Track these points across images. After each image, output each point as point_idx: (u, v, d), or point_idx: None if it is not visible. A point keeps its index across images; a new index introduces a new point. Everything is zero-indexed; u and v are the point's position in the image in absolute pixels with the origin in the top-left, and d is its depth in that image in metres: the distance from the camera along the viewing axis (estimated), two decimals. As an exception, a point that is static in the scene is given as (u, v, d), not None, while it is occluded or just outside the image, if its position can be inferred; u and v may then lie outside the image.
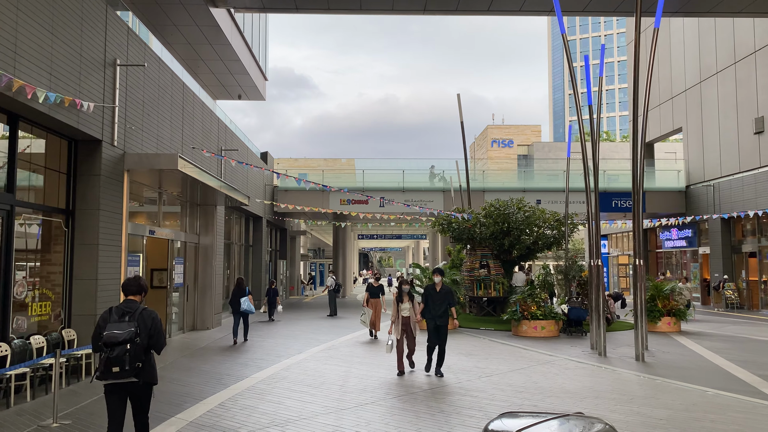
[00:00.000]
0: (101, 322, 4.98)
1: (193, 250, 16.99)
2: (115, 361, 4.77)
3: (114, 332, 4.81)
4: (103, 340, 4.80)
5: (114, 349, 4.77)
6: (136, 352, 4.86)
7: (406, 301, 9.83)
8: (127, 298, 5.19)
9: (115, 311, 5.01)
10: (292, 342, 14.12)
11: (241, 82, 24.39)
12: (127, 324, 4.89)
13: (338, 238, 35.11)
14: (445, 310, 9.64)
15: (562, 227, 18.36)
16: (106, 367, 4.78)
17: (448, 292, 9.86)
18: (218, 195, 15.54)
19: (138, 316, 4.99)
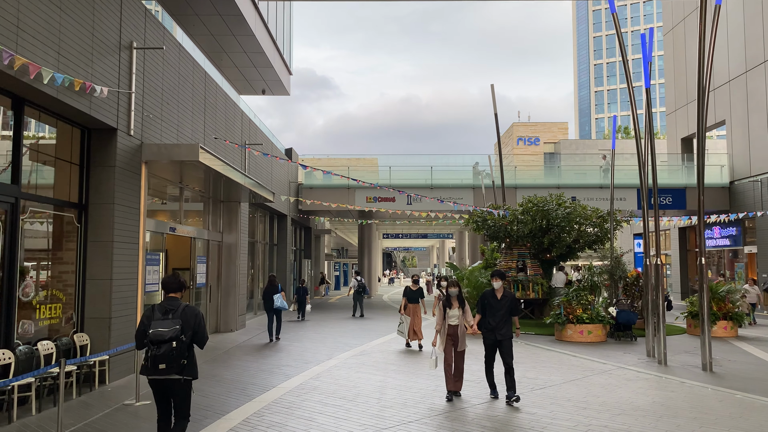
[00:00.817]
0: (145, 320, 5.07)
1: (216, 249, 16.23)
2: (161, 358, 4.88)
3: (159, 330, 4.91)
4: (149, 338, 4.92)
5: (160, 347, 4.88)
6: (181, 350, 4.97)
7: (456, 306, 8.22)
8: (168, 295, 5.26)
9: (158, 309, 5.09)
10: (320, 346, 13.25)
11: (265, 76, 23.61)
12: (172, 321, 4.98)
13: (363, 237, 34.24)
14: (507, 321, 7.95)
15: (606, 224, 17.21)
16: (153, 364, 4.90)
17: (511, 300, 8.05)
18: (242, 190, 14.75)
19: (181, 313, 5.07)
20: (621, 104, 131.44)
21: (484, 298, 8.16)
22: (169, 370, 4.94)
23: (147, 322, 5.05)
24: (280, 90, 25.41)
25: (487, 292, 8.23)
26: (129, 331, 9.71)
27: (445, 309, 8.25)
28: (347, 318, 20.54)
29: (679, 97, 31.77)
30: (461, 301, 8.33)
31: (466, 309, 8.32)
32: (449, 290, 8.37)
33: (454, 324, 8.18)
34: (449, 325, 8.16)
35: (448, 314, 8.22)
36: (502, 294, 8.09)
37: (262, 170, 19.46)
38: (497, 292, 8.09)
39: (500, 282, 8.14)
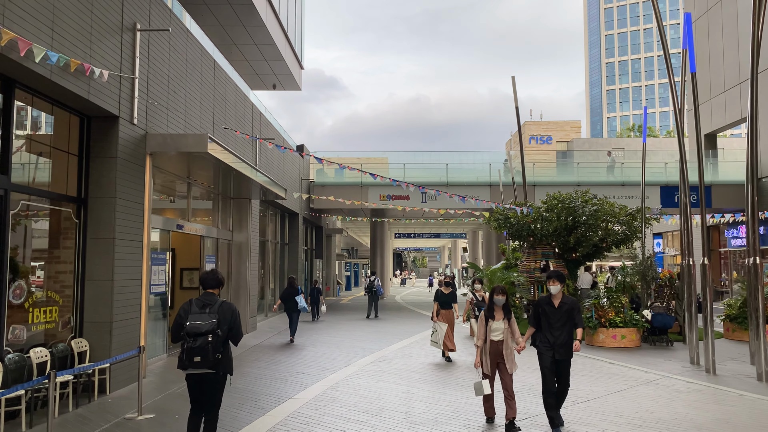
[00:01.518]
0: (182, 313, 5.15)
1: (225, 248, 15.49)
2: (197, 351, 4.94)
3: (196, 323, 5.00)
4: (186, 330, 4.99)
5: (196, 340, 4.95)
6: (217, 344, 5.01)
7: (500, 318, 6.67)
8: (206, 291, 5.37)
9: (196, 303, 5.18)
10: (336, 351, 12.47)
11: (276, 70, 22.87)
12: (209, 315, 5.06)
13: (376, 236, 33.45)
14: (569, 335, 6.43)
15: (635, 222, 16.33)
16: (188, 356, 4.96)
17: (572, 309, 6.49)
18: (253, 186, 14.00)
19: (218, 309, 5.16)
20: (633, 103, 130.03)
21: (538, 306, 6.65)
22: (203, 363, 4.98)
23: (184, 315, 5.12)
24: (291, 85, 24.67)
25: (542, 299, 6.71)
26: (132, 336, 8.97)
27: (486, 321, 6.71)
28: (361, 319, 19.76)
29: (702, 92, 30.73)
30: (507, 311, 6.76)
31: (513, 322, 6.74)
32: (495, 298, 6.74)
33: (498, 339, 6.64)
34: (491, 341, 6.64)
35: (491, 327, 6.65)
36: (561, 300, 6.52)
37: (274, 167, 18.72)
38: (554, 299, 6.54)
39: (559, 286, 6.54)
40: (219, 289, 5.42)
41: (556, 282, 6.55)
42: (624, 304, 12.99)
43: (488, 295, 6.93)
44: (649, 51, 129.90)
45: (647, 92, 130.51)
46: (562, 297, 6.58)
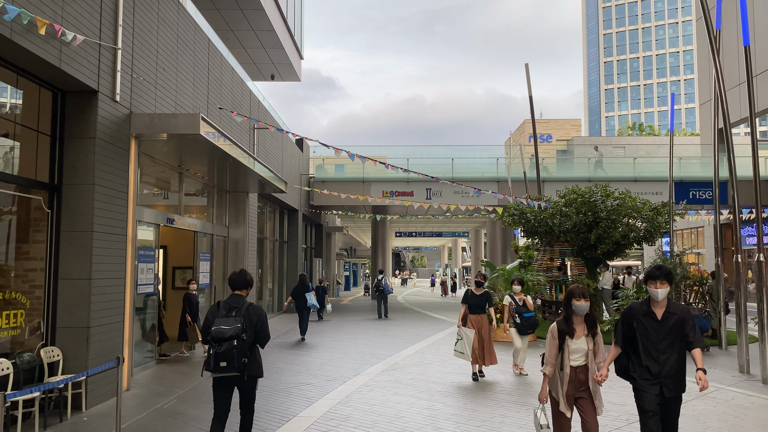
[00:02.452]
0: (209, 316, 5.10)
1: (221, 245, 14.38)
2: (222, 356, 4.87)
3: (221, 327, 4.92)
4: (211, 335, 4.92)
5: (222, 345, 4.88)
6: (242, 348, 4.95)
7: (582, 334, 4.79)
8: (234, 293, 5.25)
9: (223, 306, 5.11)
10: (343, 357, 11.36)
11: (274, 59, 21.75)
12: (234, 320, 4.98)
13: (377, 235, 32.37)
14: (679, 361, 4.56)
15: (659, 217, 15.25)
16: (215, 361, 4.88)
17: (683, 321, 4.57)
18: (251, 178, 12.88)
19: (244, 312, 5.07)
20: (631, 102, 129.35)
21: (629, 316, 4.67)
22: (229, 368, 4.91)
23: (211, 318, 5.08)
24: (290, 75, 23.55)
25: (634, 306, 4.68)
26: (114, 344, 7.85)
27: (561, 339, 4.78)
28: (365, 320, 18.68)
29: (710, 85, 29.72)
30: (592, 324, 4.82)
31: (599, 339, 4.81)
32: (574, 304, 4.77)
33: (579, 365, 4.74)
34: (572, 368, 4.76)
35: (569, 347, 4.73)
36: (666, 310, 4.57)
37: (273, 159, 17.60)
38: (656, 307, 4.56)
39: (667, 288, 4.53)
40: (248, 290, 5.30)
41: (664, 283, 4.49)
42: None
43: (564, 299, 4.83)
44: (648, 50, 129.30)
45: (646, 92, 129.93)
46: (668, 304, 4.57)
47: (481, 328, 9.40)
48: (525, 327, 9.48)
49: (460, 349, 9.04)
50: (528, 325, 9.49)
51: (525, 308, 9.63)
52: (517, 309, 9.61)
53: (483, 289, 9.70)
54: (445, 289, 35.24)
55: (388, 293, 20.69)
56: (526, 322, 9.48)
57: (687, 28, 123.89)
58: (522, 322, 9.45)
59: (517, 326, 9.51)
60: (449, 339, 14.01)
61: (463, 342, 9.02)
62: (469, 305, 9.55)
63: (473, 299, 9.57)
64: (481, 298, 9.56)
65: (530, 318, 9.52)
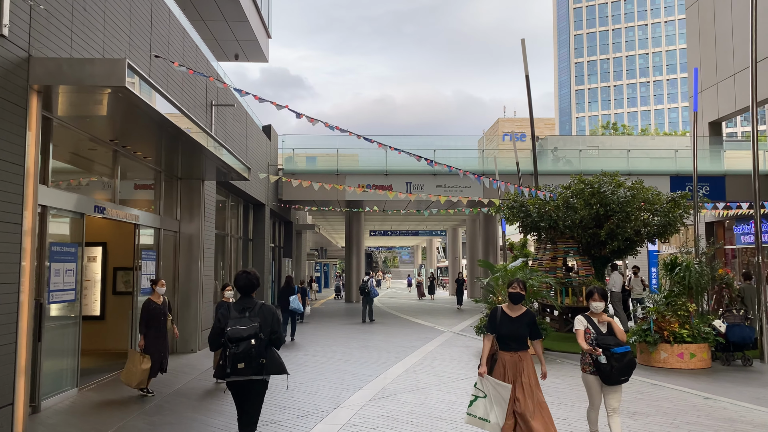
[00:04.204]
0: (221, 318, 4.86)
1: (171, 241, 12.09)
2: (240, 356, 4.66)
3: (238, 327, 4.71)
4: (228, 336, 4.69)
5: (239, 345, 4.67)
6: (260, 348, 4.74)
7: None
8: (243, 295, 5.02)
9: (234, 307, 4.90)
10: (318, 379, 9.18)
11: (238, 35, 19.43)
12: (249, 319, 4.80)
13: (351, 234, 30.20)
14: None
15: (677, 210, 13.47)
16: (232, 363, 4.66)
17: None
18: (207, 161, 10.64)
19: (259, 311, 4.87)
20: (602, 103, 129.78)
21: None
22: (247, 369, 4.70)
23: (223, 320, 4.81)
24: (256, 55, 21.24)
25: None
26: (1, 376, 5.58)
27: None
28: (343, 327, 16.54)
29: (706, 77, 28.34)
30: None
31: None
32: None
33: None
34: None
35: None
36: None
37: (235, 144, 15.32)
38: None
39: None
40: (254, 292, 5.03)
41: None
42: (691, 313, 10.03)
43: None
44: (618, 51, 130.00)
45: (616, 93, 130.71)
46: None
47: (523, 375, 5.21)
48: (616, 372, 5.18)
49: (482, 414, 5.18)
50: (622, 368, 5.19)
51: (612, 337, 5.31)
52: (600, 339, 5.31)
53: (522, 307, 5.47)
54: (421, 291, 33.17)
55: (375, 296, 19.03)
56: (618, 362, 5.18)
57: (656, 30, 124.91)
58: (611, 363, 5.18)
59: (601, 371, 5.25)
60: (442, 351, 11.97)
61: (487, 402, 5.19)
62: (500, 336, 5.36)
63: (507, 325, 5.33)
64: (521, 322, 5.35)
65: (625, 355, 5.22)
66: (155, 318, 8.23)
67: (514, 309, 5.41)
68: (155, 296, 8.41)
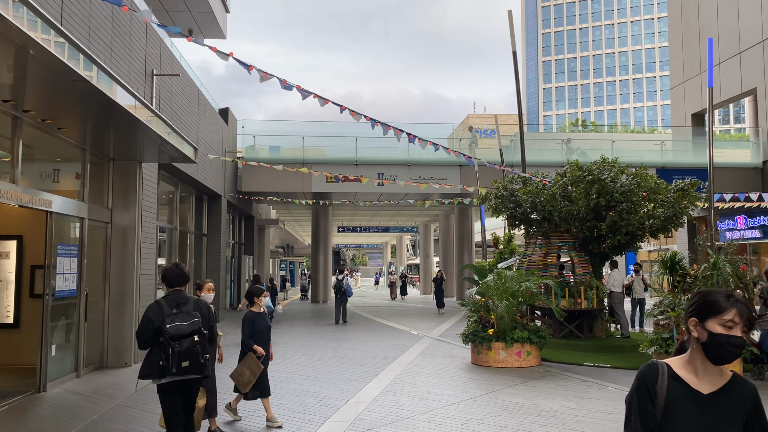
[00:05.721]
0: (153, 316, 4.48)
1: (100, 235, 10.10)
2: (185, 355, 4.36)
3: (178, 324, 4.41)
4: (169, 334, 4.37)
5: (182, 343, 4.39)
6: (204, 345, 4.52)
7: None
8: (174, 289, 4.71)
9: (167, 303, 4.54)
10: (274, 402, 7.32)
11: (192, 6, 17.39)
12: (188, 315, 4.49)
13: (318, 230, 28.30)
14: None
15: (684, 201, 12.01)
16: (176, 362, 4.34)
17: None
18: (143, 137, 8.70)
19: (194, 306, 4.62)
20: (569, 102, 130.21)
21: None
22: (191, 368, 4.38)
23: (155, 317, 4.45)
24: (212, 30, 19.21)
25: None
26: None
27: None
28: (309, 331, 14.70)
29: (689, 66, 27.27)
30: None
31: None
32: None
33: None
34: None
35: None
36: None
37: (182, 122, 13.33)
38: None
39: None
40: (185, 285, 4.71)
41: None
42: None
43: None
44: (585, 50, 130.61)
45: (583, 91, 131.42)
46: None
47: None
48: None
49: None
50: None
51: None
52: None
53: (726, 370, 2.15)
54: (393, 291, 31.42)
55: (350, 295, 17.89)
56: None
57: (623, 29, 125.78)
58: None
59: None
60: (423, 364, 10.25)
61: None
62: None
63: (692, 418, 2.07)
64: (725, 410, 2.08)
65: None
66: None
67: (705, 372, 2.14)
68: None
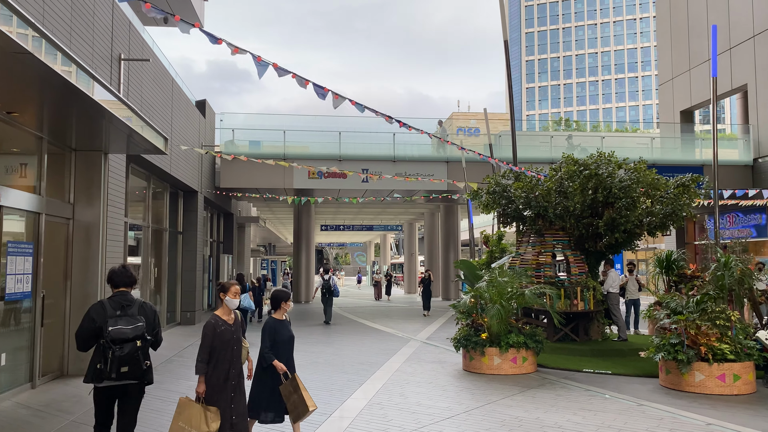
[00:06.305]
0: (95, 316, 4.38)
1: (60, 232, 9.25)
2: (125, 360, 4.24)
3: (120, 327, 4.29)
4: (110, 337, 4.27)
5: (123, 347, 4.26)
6: (146, 350, 4.40)
7: None
8: (119, 290, 4.60)
9: (110, 304, 4.43)
10: (248, 420, 6.57)
11: (166, -9, 16.53)
12: (133, 318, 4.37)
13: (300, 228, 27.49)
14: None
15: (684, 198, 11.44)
16: (115, 367, 4.22)
17: None
18: (108, 125, 7.89)
19: (140, 310, 4.49)
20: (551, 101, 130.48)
21: None
22: (131, 373, 4.27)
23: (98, 318, 4.33)
24: (189, 16, 18.32)
25: None
26: None
27: None
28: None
29: (678, 63, 26.87)
30: None
31: None
32: None
33: None
34: None
35: None
36: None
37: (153, 112, 12.48)
38: None
39: None
40: (132, 287, 4.62)
41: None
42: (732, 322, 7.90)
43: None
44: (568, 50, 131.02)
45: (566, 91, 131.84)
46: None
47: None
48: None
49: None
50: None
51: None
52: None
53: None
54: (378, 292, 30.66)
55: (337, 296, 17.42)
56: None
57: (605, 29, 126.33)
58: None
59: None
60: (411, 371, 9.54)
61: None
62: None
63: None
64: None
65: None
66: (225, 347, 5.02)
67: None
68: (224, 311, 5.15)
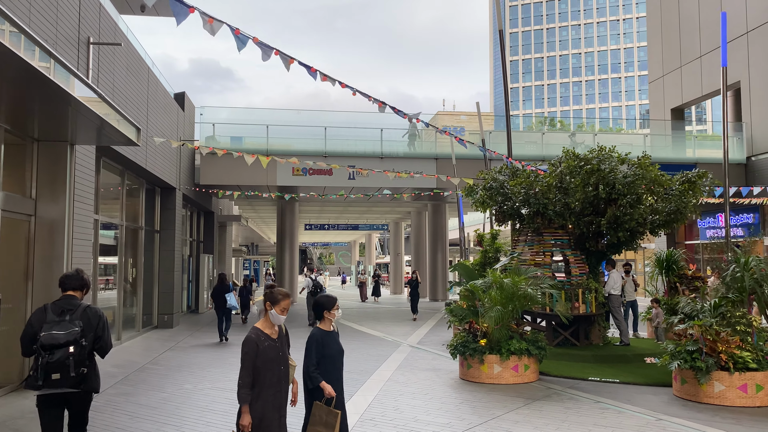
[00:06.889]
0: (34, 321, 4.29)
1: (21, 229, 8.44)
2: (55, 366, 4.09)
3: (53, 333, 4.14)
4: (40, 343, 4.12)
5: (54, 353, 4.11)
6: (81, 356, 4.20)
7: None
8: (66, 294, 4.45)
9: (52, 309, 4.32)
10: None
11: (142, -23, 15.68)
12: (69, 323, 4.22)
13: (284, 227, 26.68)
14: None
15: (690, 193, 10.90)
16: (44, 374, 4.09)
17: None
18: (75, 114, 7.11)
19: (82, 314, 4.34)
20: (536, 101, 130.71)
21: None
22: (63, 381, 4.09)
23: (37, 324, 4.23)
24: (166, 8, 17.45)
25: None
26: None
27: None
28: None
29: (668, 60, 26.51)
30: None
31: None
32: None
33: None
34: None
35: None
36: None
37: (127, 102, 11.66)
38: None
39: None
40: (83, 292, 4.47)
41: None
42: (753, 327, 7.33)
43: None
44: (552, 50, 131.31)
45: (549, 91, 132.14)
46: None
47: None
48: None
49: None
50: None
51: None
52: None
53: None
54: (364, 293, 29.89)
55: None
56: None
57: (589, 30, 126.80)
58: None
59: None
60: (404, 379, 8.87)
61: None
62: None
63: None
64: None
65: None
66: (270, 366, 4.21)
67: None
68: (266, 323, 4.32)
